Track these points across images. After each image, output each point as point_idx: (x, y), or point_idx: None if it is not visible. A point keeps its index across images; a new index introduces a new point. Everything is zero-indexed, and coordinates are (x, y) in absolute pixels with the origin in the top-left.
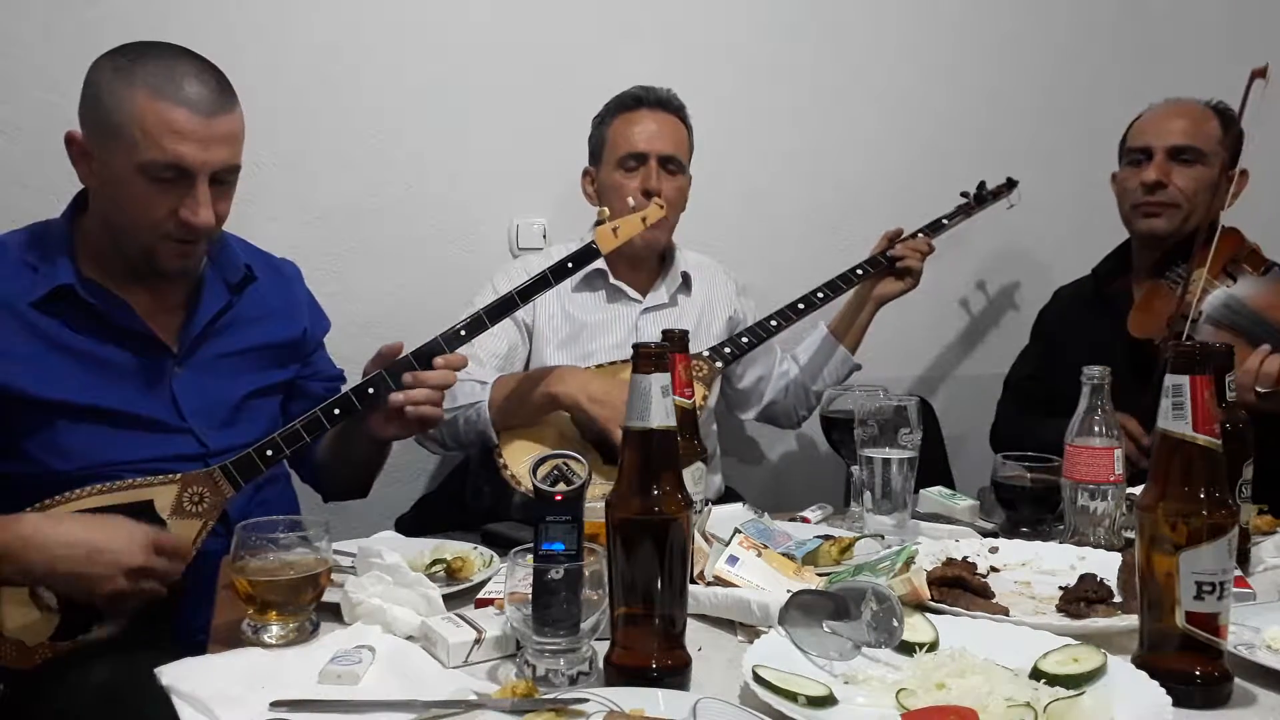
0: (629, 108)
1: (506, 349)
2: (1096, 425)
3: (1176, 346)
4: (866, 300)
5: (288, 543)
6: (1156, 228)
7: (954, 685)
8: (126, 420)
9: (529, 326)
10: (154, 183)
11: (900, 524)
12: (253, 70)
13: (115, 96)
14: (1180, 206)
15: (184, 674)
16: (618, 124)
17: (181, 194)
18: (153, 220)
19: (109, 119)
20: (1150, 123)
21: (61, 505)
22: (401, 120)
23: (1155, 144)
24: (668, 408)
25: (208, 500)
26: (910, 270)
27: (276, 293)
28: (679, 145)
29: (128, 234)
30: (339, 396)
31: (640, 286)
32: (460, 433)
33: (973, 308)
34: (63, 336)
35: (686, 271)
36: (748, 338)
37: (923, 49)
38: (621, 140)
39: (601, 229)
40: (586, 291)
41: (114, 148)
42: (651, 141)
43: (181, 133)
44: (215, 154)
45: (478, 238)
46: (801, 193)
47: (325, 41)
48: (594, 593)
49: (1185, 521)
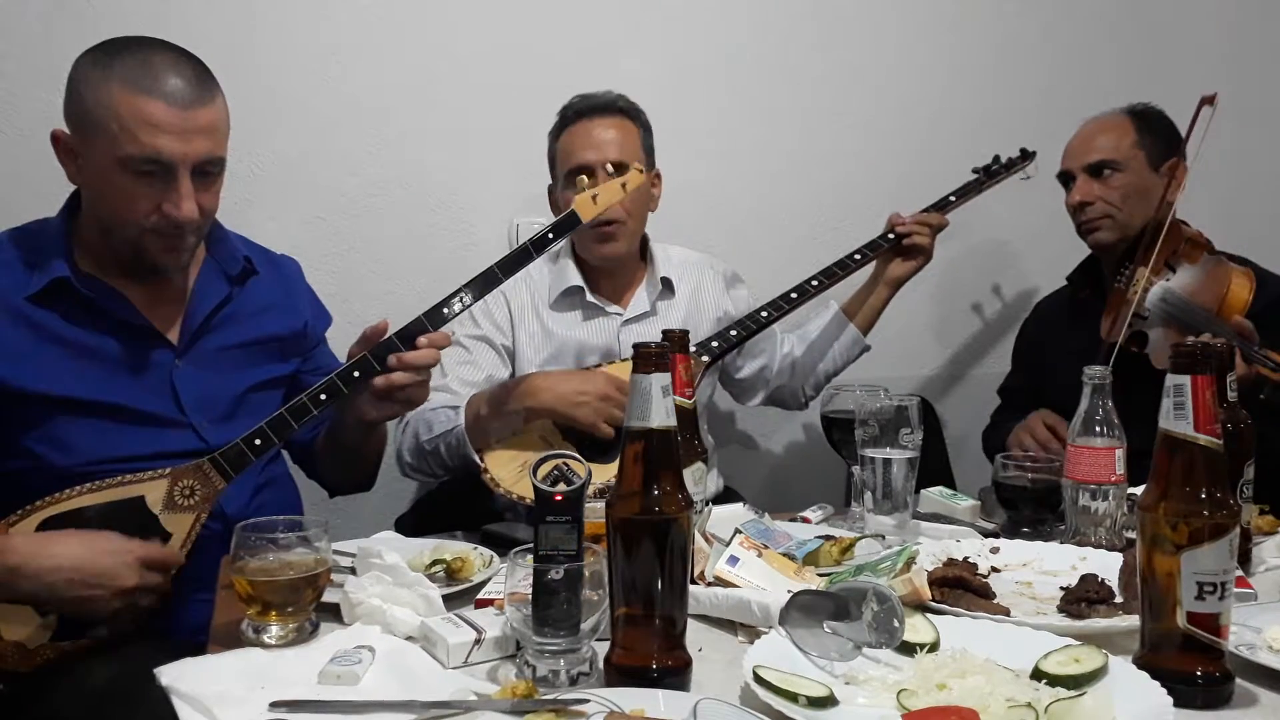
0: (570, 121)
1: (484, 378)
2: (1097, 425)
3: (1176, 347)
4: (879, 280)
5: (287, 543)
6: (1101, 240)
7: (955, 686)
8: (127, 415)
9: (509, 350)
10: (135, 176)
11: (901, 524)
12: (253, 70)
13: (94, 91)
14: (1114, 216)
15: (184, 674)
16: (564, 138)
17: (164, 187)
18: (136, 214)
19: (89, 115)
20: (1070, 147)
21: (52, 506)
22: (402, 120)
23: (1074, 166)
24: (668, 408)
25: (199, 493)
26: (919, 247)
27: (277, 286)
28: (627, 149)
29: (114, 229)
30: (323, 382)
31: (619, 296)
32: (445, 460)
33: (974, 307)
34: (61, 331)
35: (667, 276)
36: (737, 331)
37: (921, 49)
38: (565, 156)
39: (581, 197)
40: (566, 310)
41: (95, 143)
42: (600, 150)
43: (159, 125)
44: (195, 146)
45: (478, 238)
46: (801, 193)
47: (326, 41)
48: (594, 593)
49: (1186, 522)
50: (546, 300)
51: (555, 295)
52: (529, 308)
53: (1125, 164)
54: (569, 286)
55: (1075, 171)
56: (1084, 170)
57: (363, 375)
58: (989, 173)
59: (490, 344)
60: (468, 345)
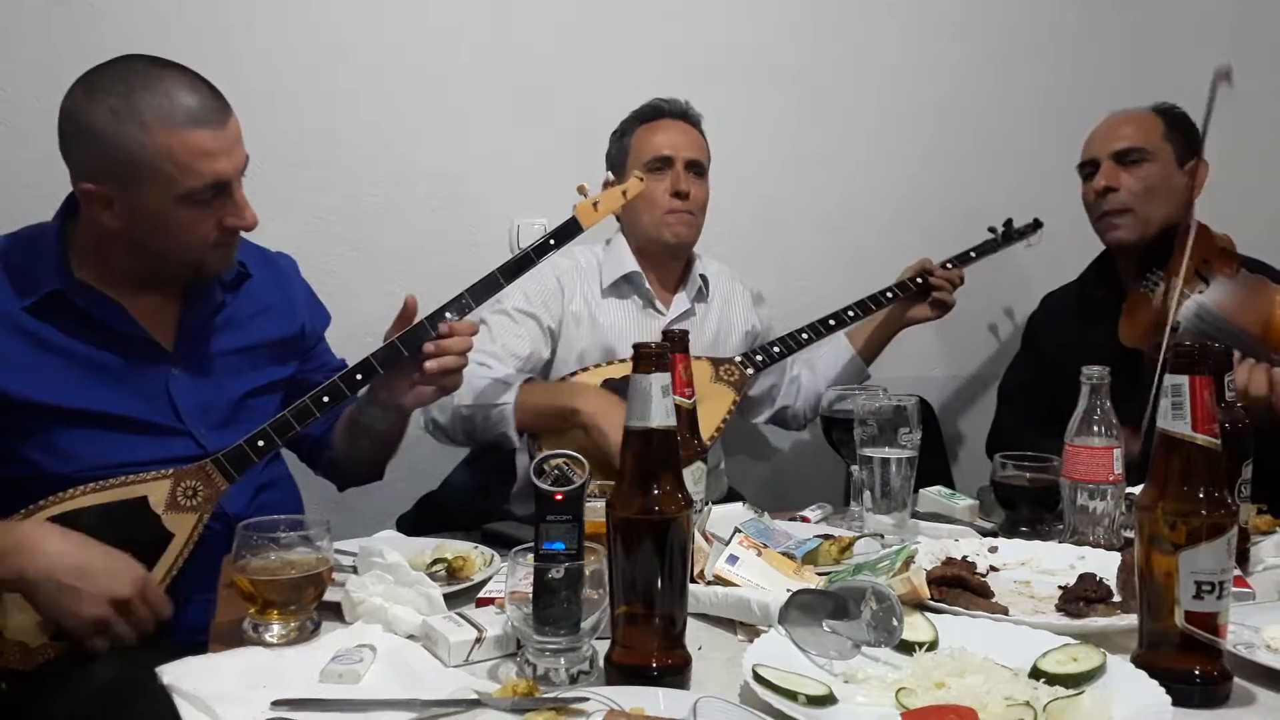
0: (650, 117)
1: (528, 351)
2: (1096, 425)
3: (1176, 348)
4: (894, 320)
5: (289, 542)
6: (1120, 239)
7: (953, 684)
8: (124, 423)
9: (554, 331)
10: (198, 206)
11: (900, 523)
12: (253, 71)
13: (131, 140)
14: (1135, 210)
15: (185, 673)
16: (641, 132)
17: (222, 204)
18: (201, 238)
19: (131, 163)
20: (1095, 134)
21: (55, 505)
22: (402, 120)
23: (1100, 153)
24: (668, 407)
25: (201, 493)
26: (944, 303)
27: (273, 289)
28: (701, 151)
29: (173, 255)
30: (327, 384)
31: (666, 289)
32: (477, 429)
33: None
34: (58, 341)
35: (704, 274)
36: (779, 348)
37: (923, 53)
38: (646, 146)
39: (582, 204)
40: (615, 298)
41: (146, 188)
42: (677, 147)
43: (213, 153)
44: (239, 156)
45: (478, 238)
46: (805, 197)
47: (326, 42)
48: (594, 592)
49: (1184, 521)
50: (598, 286)
51: (609, 281)
52: (578, 292)
53: (1154, 154)
54: (626, 273)
55: (1101, 158)
56: (1110, 156)
57: (365, 377)
58: (1004, 236)
59: (538, 322)
60: (516, 319)
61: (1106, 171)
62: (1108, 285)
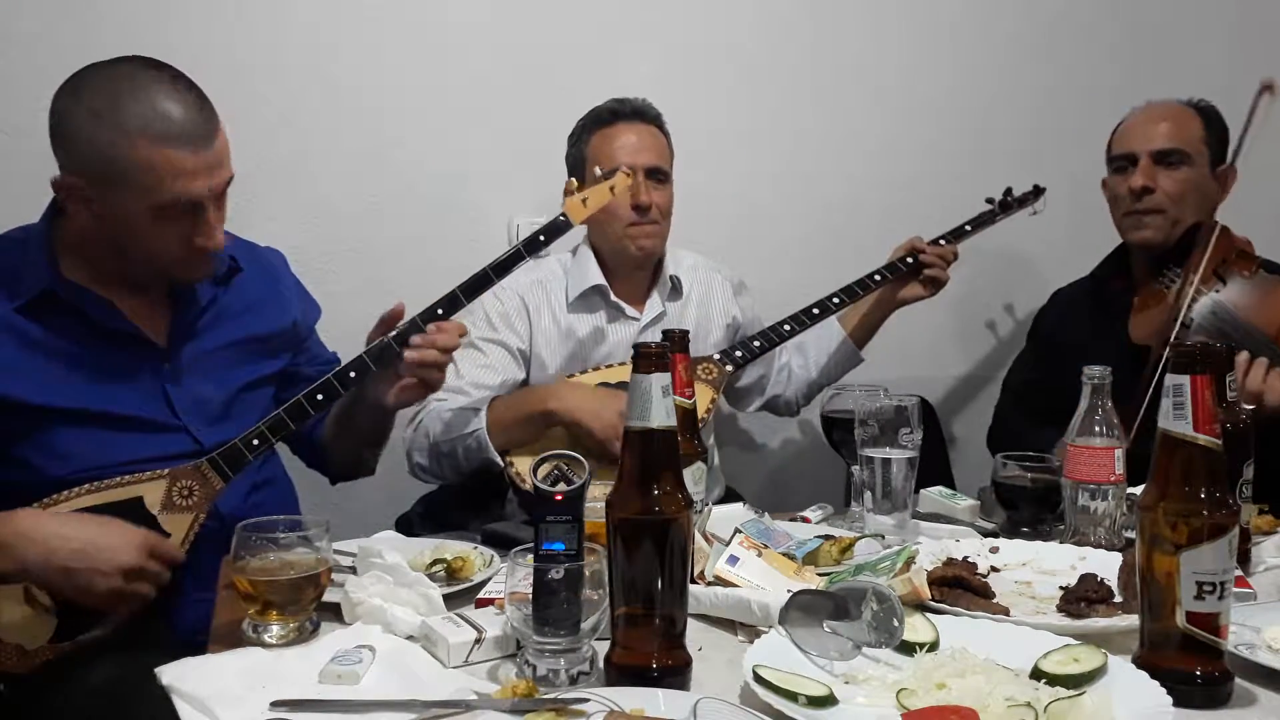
0: (606, 122)
1: (499, 382)
2: (1097, 425)
3: (1176, 347)
4: (886, 302)
5: (288, 542)
6: (1147, 239)
7: (954, 685)
8: (120, 422)
9: (525, 353)
10: (167, 220)
11: (900, 524)
12: (253, 71)
13: (111, 146)
14: (1167, 212)
15: (184, 674)
16: (596, 140)
17: (192, 222)
18: (168, 250)
19: (110, 167)
20: (1133, 127)
21: (51, 506)
22: (401, 120)
23: (1139, 149)
24: (668, 408)
25: (197, 493)
26: (937, 279)
27: (263, 283)
28: (661, 155)
29: (141, 263)
30: (321, 382)
31: (635, 297)
32: (461, 462)
33: (974, 308)
34: (51, 341)
35: (676, 275)
36: (760, 342)
37: (921, 51)
38: (602, 157)
39: (571, 200)
40: (585, 311)
41: (120, 193)
42: (635, 155)
43: (190, 173)
44: (218, 178)
45: (478, 238)
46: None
47: (325, 42)
48: (594, 592)
49: (1186, 521)
50: (564, 299)
51: (575, 294)
52: (545, 307)
53: (1195, 158)
54: (591, 286)
55: (1140, 154)
56: (1151, 155)
57: (359, 375)
58: (1002, 206)
59: (505, 347)
60: (483, 348)
61: (1145, 170)
62: (1122, 281)
